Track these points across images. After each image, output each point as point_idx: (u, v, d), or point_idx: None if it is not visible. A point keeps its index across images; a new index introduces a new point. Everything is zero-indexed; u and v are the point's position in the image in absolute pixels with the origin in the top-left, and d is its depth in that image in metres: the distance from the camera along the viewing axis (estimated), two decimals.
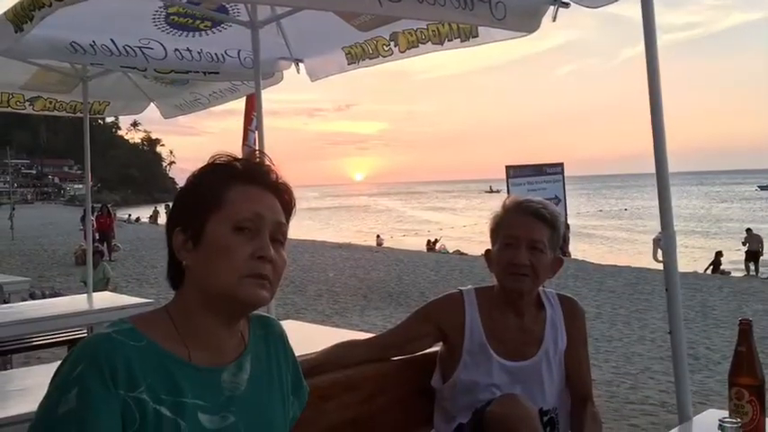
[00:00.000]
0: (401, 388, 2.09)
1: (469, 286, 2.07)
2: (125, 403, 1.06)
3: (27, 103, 4.86)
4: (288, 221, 1.24)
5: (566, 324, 2.01)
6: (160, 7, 3.26)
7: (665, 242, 2.08)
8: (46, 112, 5.14)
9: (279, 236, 1.19)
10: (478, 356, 1.94)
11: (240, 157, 1.24)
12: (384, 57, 3.35)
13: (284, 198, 1.24)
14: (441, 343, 2.05)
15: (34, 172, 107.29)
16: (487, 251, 2.04)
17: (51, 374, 1.10)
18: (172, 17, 3.37)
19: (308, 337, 2.90)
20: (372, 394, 2.02)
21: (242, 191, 1.18)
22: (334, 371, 1.94)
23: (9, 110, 4.88)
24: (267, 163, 1.25)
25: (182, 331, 1.16)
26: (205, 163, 1.24)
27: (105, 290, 8.76)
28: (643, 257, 24.77)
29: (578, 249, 26.53)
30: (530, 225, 1.92)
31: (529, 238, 1.90)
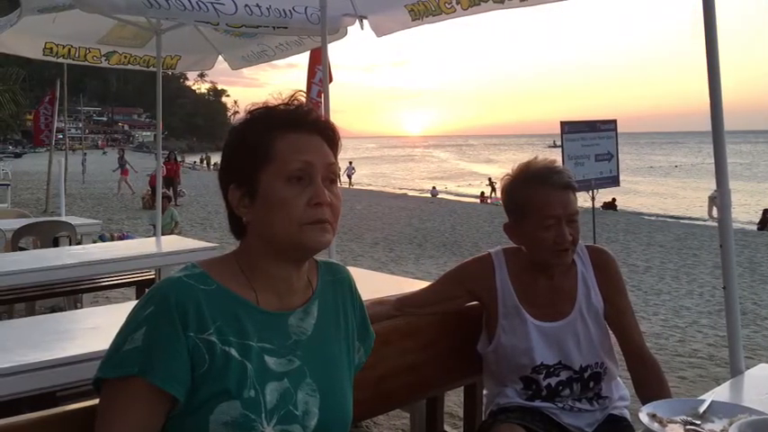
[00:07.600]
0: (459, 336, 2.11)
1: (498, 247, 2.02)
2: (195, 345, 1.08)
3: (103, 58, 5.07)
4: (336, 157, 1.23)
5: (597, 279, 1.93)
6: None
7: (720, 200, 2.05)
8: (120, 66, 5.27)
9: (330, 175, 1.19)
10: (514, 320, 1.91)
11: (275, 103, 1.23)
12: (447, 14, 3.35)
13: (328, 135, 1.22)
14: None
15: (105, 119, 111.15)
16: (508, 226, 1.95)
17: (119, 314, 1.12)
18: None
19: (364, 284, 2.89)
20: (432, 341, 2.06)
21: (288, 140, 1.17)
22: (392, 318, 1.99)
23: (86, 63, 5.10)
24: (305, 104, 1.23)
25: (249, 277, 1.18)
26: (244, 115, 1.23)
27: (173, 233, 9.09)
28: (691, 213, 24.40)
29: (629, 205, 26.29)
30: (565, 200, 1.85)
31: (568, 214, 1.84)
